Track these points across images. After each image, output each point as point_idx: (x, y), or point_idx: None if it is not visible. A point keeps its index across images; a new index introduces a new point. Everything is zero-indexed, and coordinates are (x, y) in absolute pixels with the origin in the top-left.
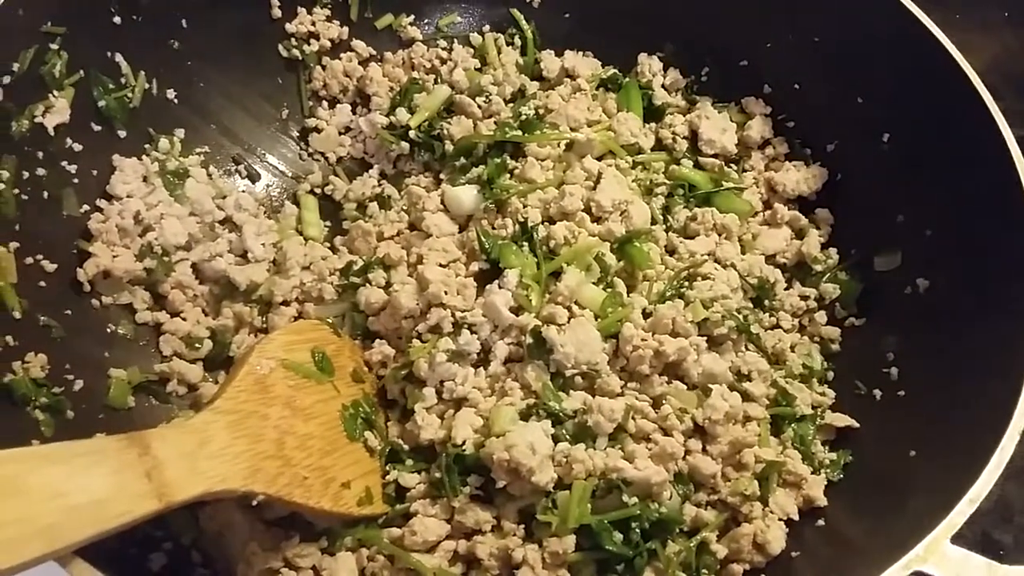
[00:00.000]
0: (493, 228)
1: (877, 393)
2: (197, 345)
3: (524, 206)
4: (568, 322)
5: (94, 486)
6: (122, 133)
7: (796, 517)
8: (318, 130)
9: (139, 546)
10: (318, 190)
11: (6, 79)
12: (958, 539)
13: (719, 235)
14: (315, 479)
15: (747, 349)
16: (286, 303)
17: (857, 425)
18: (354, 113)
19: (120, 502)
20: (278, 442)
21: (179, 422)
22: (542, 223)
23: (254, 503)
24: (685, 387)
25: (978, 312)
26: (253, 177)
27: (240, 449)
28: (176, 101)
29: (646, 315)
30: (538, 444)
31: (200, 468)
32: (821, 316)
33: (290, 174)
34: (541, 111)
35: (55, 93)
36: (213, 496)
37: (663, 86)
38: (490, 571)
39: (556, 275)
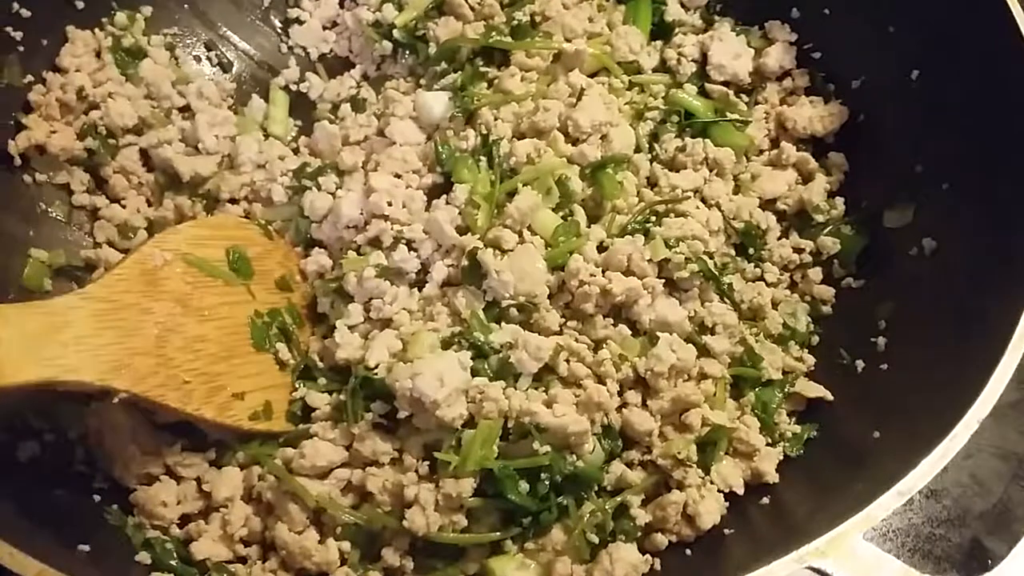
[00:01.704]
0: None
1: (859, 364)
2: (131, 235)
3: (496, 119)
4: (514, 248)
5: None
6: (80, 4)
7: (740, 491)
8: (300, 22)
9: (9, 432)
10: (293, 86)
11: None
12: (944, 544)
13: (710, 171)
14: (198, 384)
15: (723, 300)
16: (233, 201)
17: (831, 397)
18: (342, 7)
19: None
20: (159, 339)
21: (31, 302)
22: (510, 139)
23: (115, 400)
24: (631, 333)
25: (978, 288)
26: (225, 66)
27: (104, 341)
28: None
29: (603, 249)
30: (448, 376)
31: (45, 353)
32: (816, 273)
33: (265, 67)
34: (537, 18)
35: None
36: (60, 386)
37: (680, 2)
38: (382, 507)
39: (513, 197)
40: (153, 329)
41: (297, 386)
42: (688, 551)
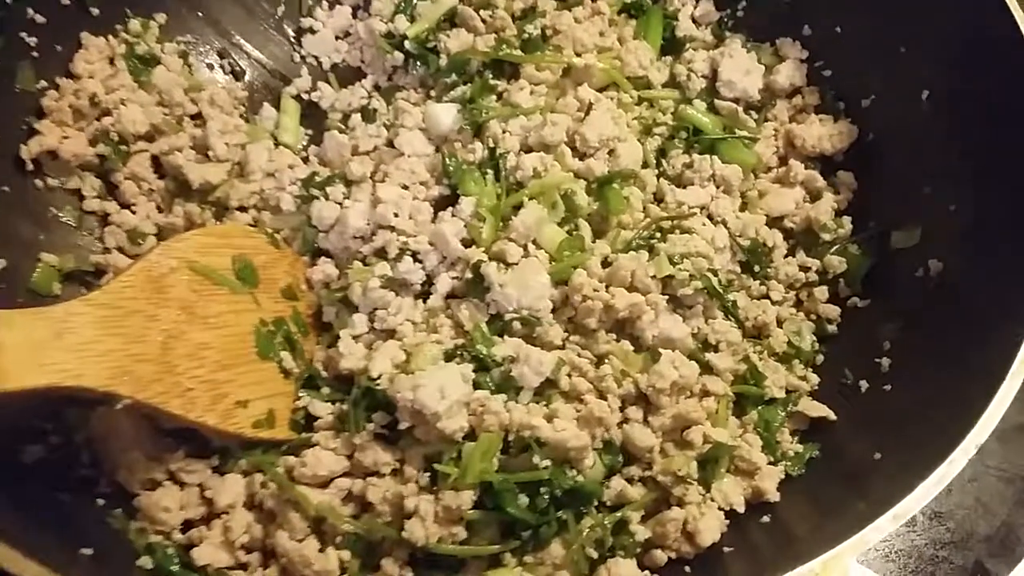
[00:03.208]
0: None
1: (863, 384)
2: (140, 241)
3: (504, 132)
4: (519, 262)
5: None
6: (95, 11)
7: (741, 509)
8: (313, 31)
9: (15, 434)
10: (305, 96)
11: None
12: (947, 566)
13: (717, 187)
14: (201, 392)
15: (727, 317)
16: (242, 209)
17: (834, 417)
18: (355, 18)
19: None
20: (163, 346)
21: (36, 308)
22: (518, 152)
23: (118, 406)
24: (634, 349)
25: (982, 312)
26: (237, 74)
27: (108, 347)
28: None
29: (607, 264)
30: (450, 388)
31: (48, 359)
32: (822, 292)
33: (277, 76)
34: (548, 32)
35: None
36: (64, 392)
37: (692, 18)
38: (382, 517)
39: (519, 210)
40: (158, 336)
41: (300, 395)
42: (687, 568)
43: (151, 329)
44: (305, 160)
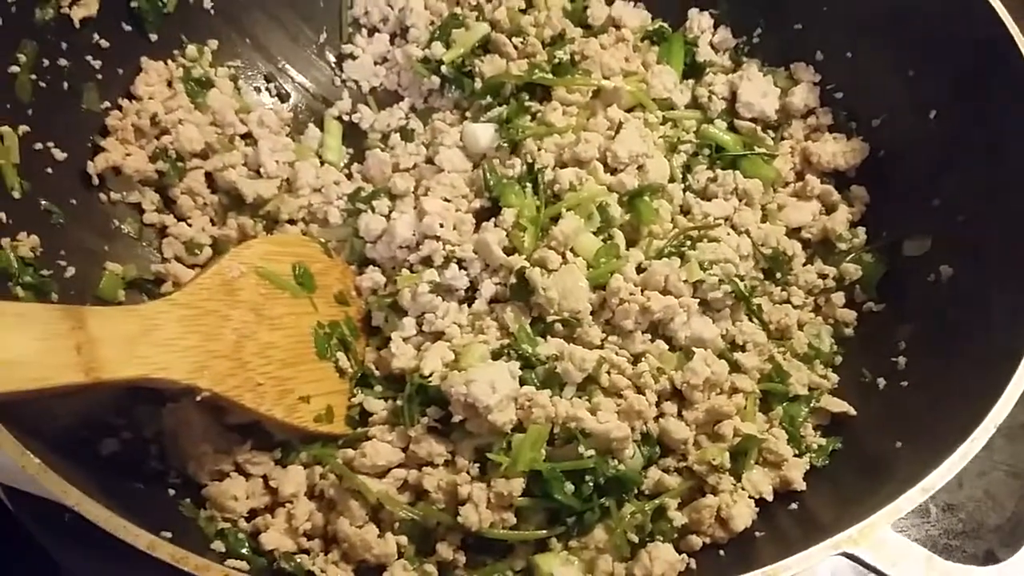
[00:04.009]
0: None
1: (881, 382)
2: (197, 251)
3: (539, 149)
4: (559, 268)
5: (15, 347)
6: (153, 37)
7: (770, 497)
8: (353, 57)
9: (92, 429)
10: (345, 117)
11: None
12: (960, 554)
13: (739, 200)
14: (270, 387)
15: (752, 320)
16: (292, 222)
17: (854, 412)
18: (392, 44)
19: (40, 367)
20: (236, 344)
21: (127, 306)
22: (554, 167)
23: (198, 398)
24: (668, 348)
25: (992, 310)
26: (283, 97)
27: (190, 343)
28: (212, 12)
29: (641, 270)
30: (499, 383)
31: (140, 352)
32: (839, 297)
33: (320, 98)
34: (577, 57)
35: None
36: (152, 383)
37: (711, 44)
38: (436, 504)
39: (557, 221)
40: (231, 335)
41: (355, 392)
42: (721, 552)
43: (225, 328)
44: (349, 176)
